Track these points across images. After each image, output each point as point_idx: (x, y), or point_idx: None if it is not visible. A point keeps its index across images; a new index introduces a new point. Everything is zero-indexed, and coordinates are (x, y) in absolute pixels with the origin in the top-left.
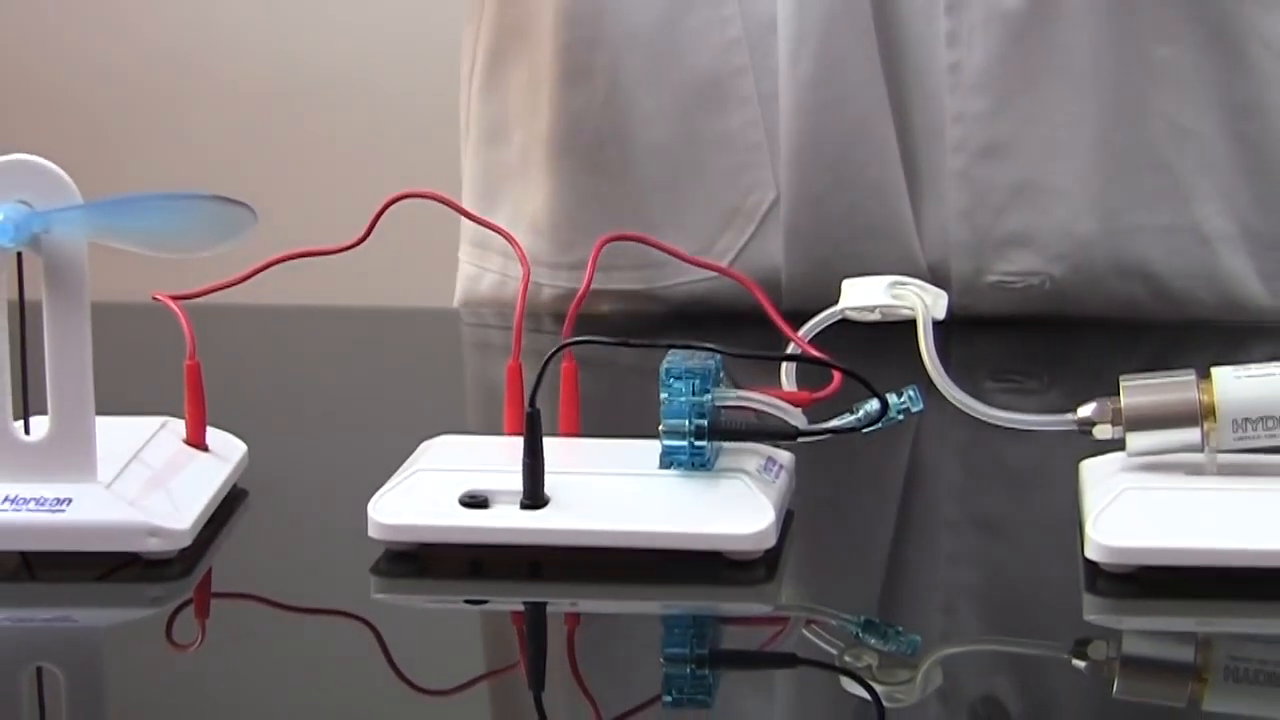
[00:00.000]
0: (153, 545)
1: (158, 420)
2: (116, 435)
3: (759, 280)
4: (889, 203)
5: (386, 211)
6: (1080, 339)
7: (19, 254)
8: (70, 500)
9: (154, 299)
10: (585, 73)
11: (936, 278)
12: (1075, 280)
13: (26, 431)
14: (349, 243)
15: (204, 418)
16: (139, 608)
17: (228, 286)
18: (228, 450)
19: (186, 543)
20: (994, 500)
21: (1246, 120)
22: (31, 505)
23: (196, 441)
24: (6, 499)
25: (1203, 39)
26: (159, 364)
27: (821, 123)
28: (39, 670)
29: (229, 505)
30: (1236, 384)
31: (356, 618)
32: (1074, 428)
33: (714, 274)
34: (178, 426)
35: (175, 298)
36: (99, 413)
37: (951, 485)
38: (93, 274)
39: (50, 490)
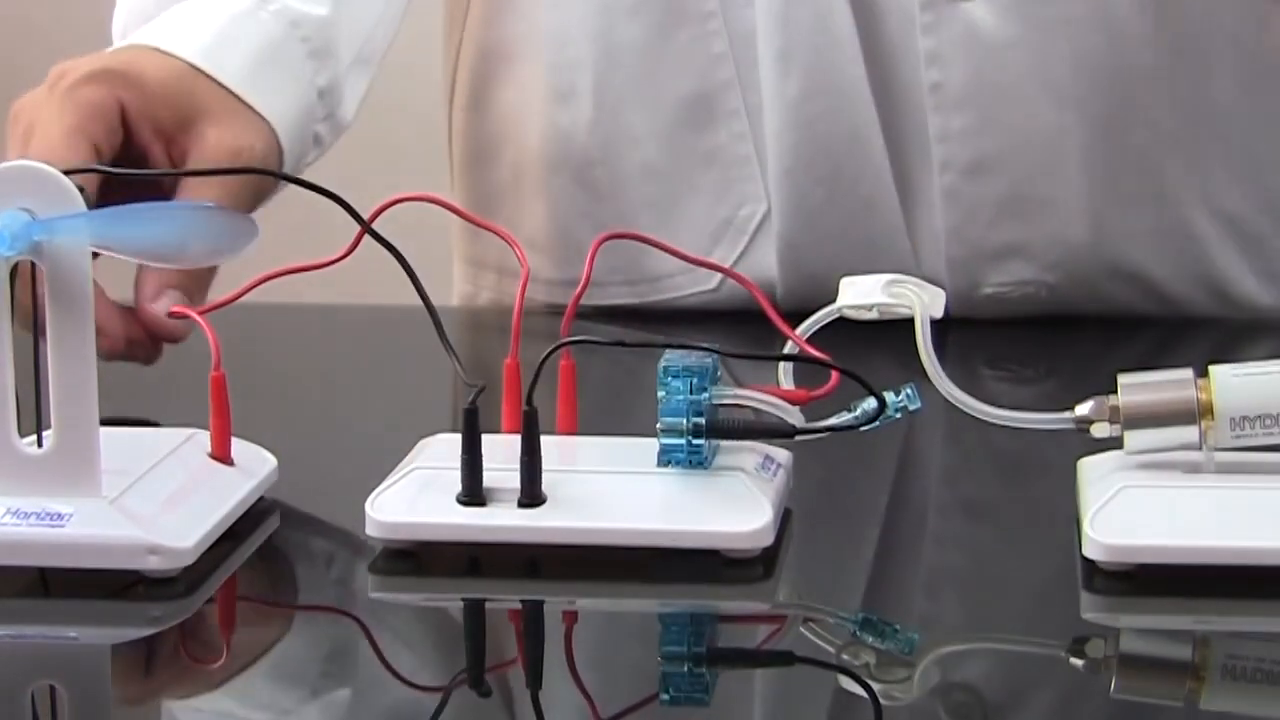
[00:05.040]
0: (152, 563)
1: (185, 432)
2: (137, 448)
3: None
4: (883, 217)
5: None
6: (1077, 337)
7: (32, 264)
8: (71, 515)
9: (172, 313)
10: (572, 93)
11: None
12: (1071, 286)
13: (40, 444)
14: (339, 254)
15: (229, 431)
16: (138, 627)
17: (226, 304)
18: (254, 464)
19: (188, 561)
20: (992, 498)
21: (1227, 123)
22: (33, 519)
23: (221, 455)
24: (9, 512)
25: (1175, 42)
26: (192, 372)
27: (813, 138)
28: (31, 689)
29: (255, 519)
30: (1234, 382)
31: (353, 616)
32: (1072, 426)
33: (707, 289)
34: (203, 439)
35: (202, 312)
36: (127, 424)
37: (949, 483)
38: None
39: (53, 504)
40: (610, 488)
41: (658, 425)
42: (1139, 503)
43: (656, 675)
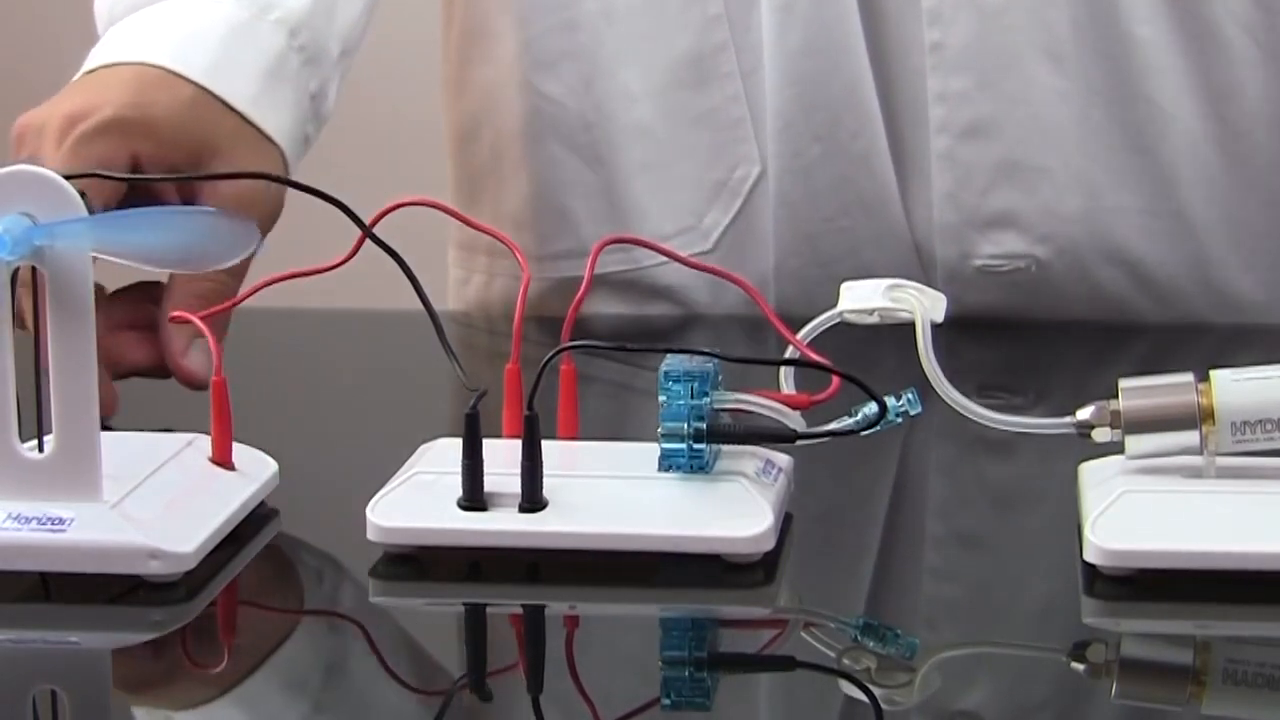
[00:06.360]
0: (153, 568)
1: (185, 437)
2: (137, 452)
3: (749, 258)
4: (877, 176)
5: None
6: (1075, 341)
7: (33, 268)
8: (72, 520)
9: (173, 318)
10: (562, 57)
11: (923, 259)
12: (1060, 265)
13: (41, 449)
14: (340, 259)
15: (230, 436)
16: (139, 631)
17: (227, 309)
18: (255, 469)
19: (190, 566)
20: (993, 503)
21: (1224, 103)
22: (34, 524)
23: (222, 460)
24: (10, 516)
25: (1177, 19)
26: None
27: (810, 92)
28: (32, 693)
29: (256, 524)
30: (1235, 387)
31: (354, 621)
32: (1073, 430)
33: (703, 249)
34: (205, 444)
35: (203, 317)
36: (129, 428)
37: (950, 488)
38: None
39: (54, 509)
40: (611, 492)
41: (659, 430)
42: (1140, 507)
43: (658, 680)
